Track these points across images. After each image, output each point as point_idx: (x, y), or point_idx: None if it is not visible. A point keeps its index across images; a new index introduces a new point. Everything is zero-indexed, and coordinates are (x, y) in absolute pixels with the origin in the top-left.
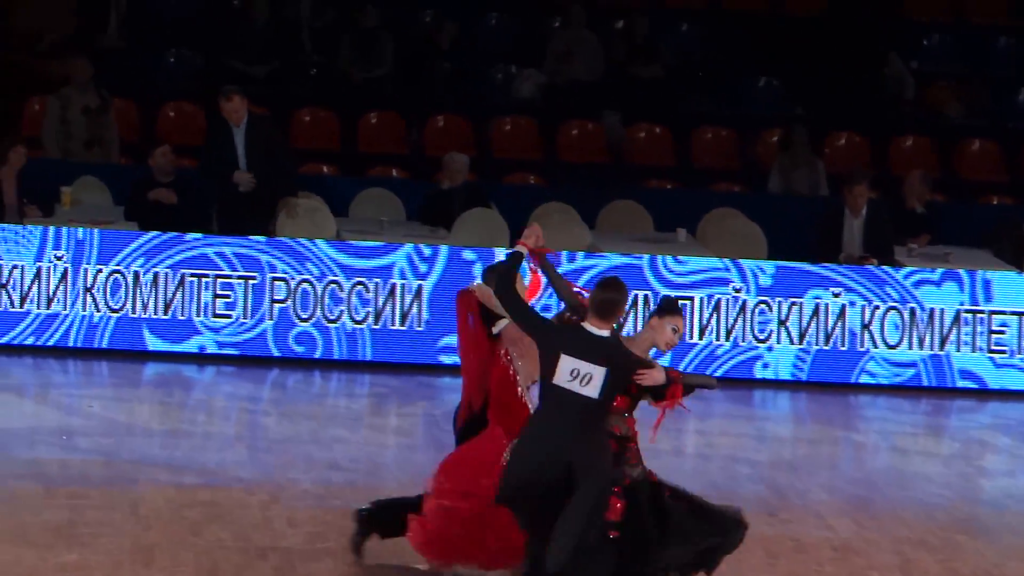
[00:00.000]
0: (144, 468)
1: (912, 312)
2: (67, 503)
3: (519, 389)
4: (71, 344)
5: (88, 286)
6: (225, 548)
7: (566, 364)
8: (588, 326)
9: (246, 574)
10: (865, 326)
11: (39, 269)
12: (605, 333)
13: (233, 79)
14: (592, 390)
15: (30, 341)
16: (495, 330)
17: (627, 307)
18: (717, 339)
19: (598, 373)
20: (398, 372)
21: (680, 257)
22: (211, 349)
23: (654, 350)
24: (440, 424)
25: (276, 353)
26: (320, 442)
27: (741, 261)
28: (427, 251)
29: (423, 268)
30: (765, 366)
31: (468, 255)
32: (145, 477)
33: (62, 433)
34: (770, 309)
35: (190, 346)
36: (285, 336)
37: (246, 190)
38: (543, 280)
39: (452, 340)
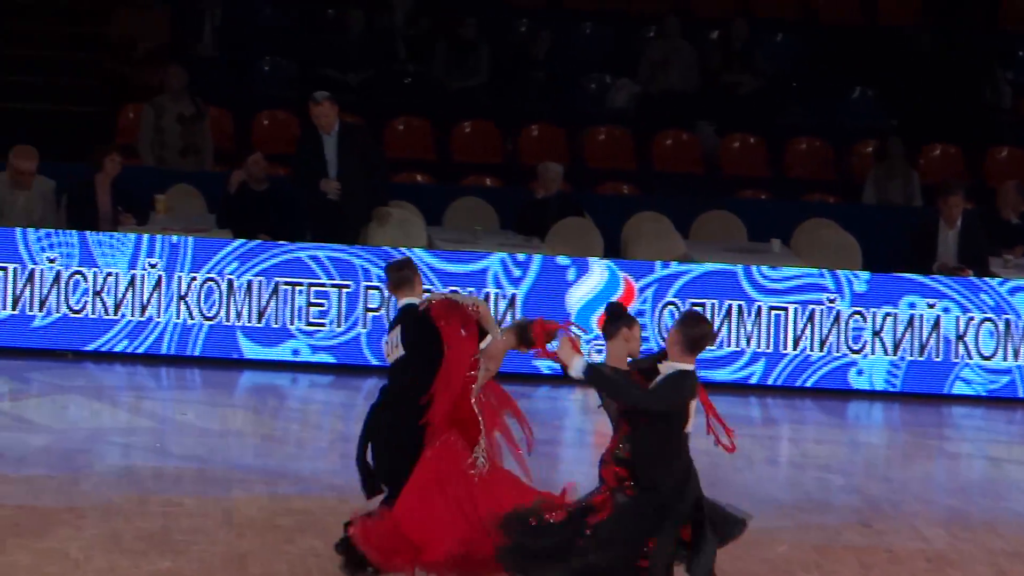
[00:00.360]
0: (238, 476)
1: (1007, 322)
2: (161, 511)
3: (472, 399)
4: (164, 351)
5: (182, 293)
6: (318, 556)
7: (692, 408)
8: (679, 364)
9: None
10: (960, 336)
11: (133, 276)
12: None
13: (327, 87)
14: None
15: (123, 348)
16: (481, 345)
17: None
18: (811, 349)
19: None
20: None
21: (775, 266)
22: (305, 357)
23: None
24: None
25: (371, 361)
26: None
27: (836, 271)
28: (519, 262)
29: (516, 275)
30: (859, 374)
31: (562, 261)
32: (239, 485)
33: (156, 441)
34: (864, 319)
35: (284, 354)
36: (379, 344)
37: (333, 198)
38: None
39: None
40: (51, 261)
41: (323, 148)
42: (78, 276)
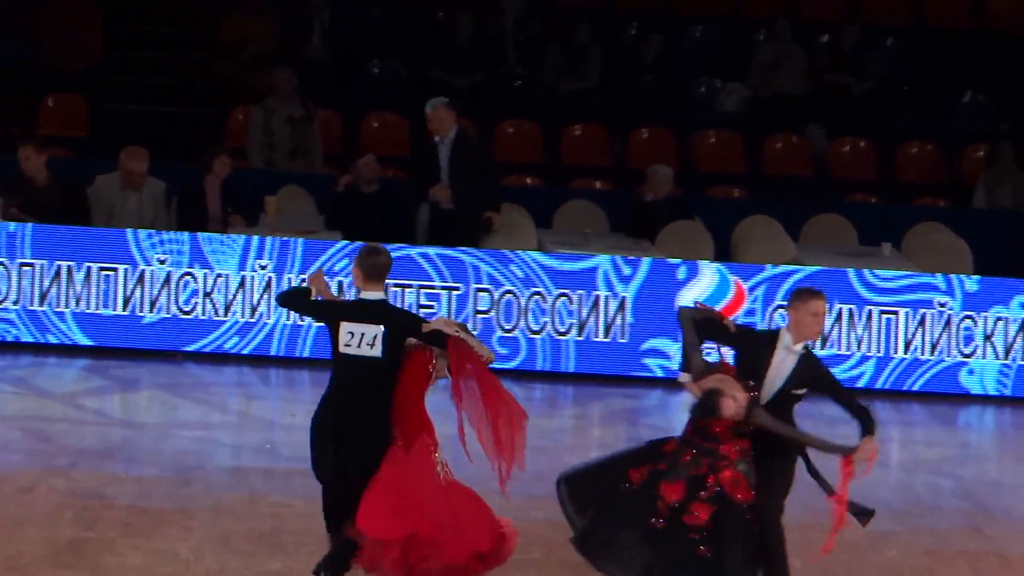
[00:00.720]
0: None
1: None
2: (271, 511)
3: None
4: (273, 353)
5: None
6: None
7: None
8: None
9: None
10: None
11: (243, 278)
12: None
13: (437, 90)
14: None
15: (233, 349)
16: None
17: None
18: (922, 353)
19: None
20: (601, 383)
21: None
22: None
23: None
24: (643, 437)
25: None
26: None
27: (948, 275)
28: (629, 264)
29: (627, 278)
30: (970, 375)
31: (673, 262)
32: None
33: (266, 442)
34: (975, 323)
35: None
36: (488, 346)
37: (446, 206)
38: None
39: (655, 351)
40: (161, 262)
41: (437, 154)
42: (188, 277)
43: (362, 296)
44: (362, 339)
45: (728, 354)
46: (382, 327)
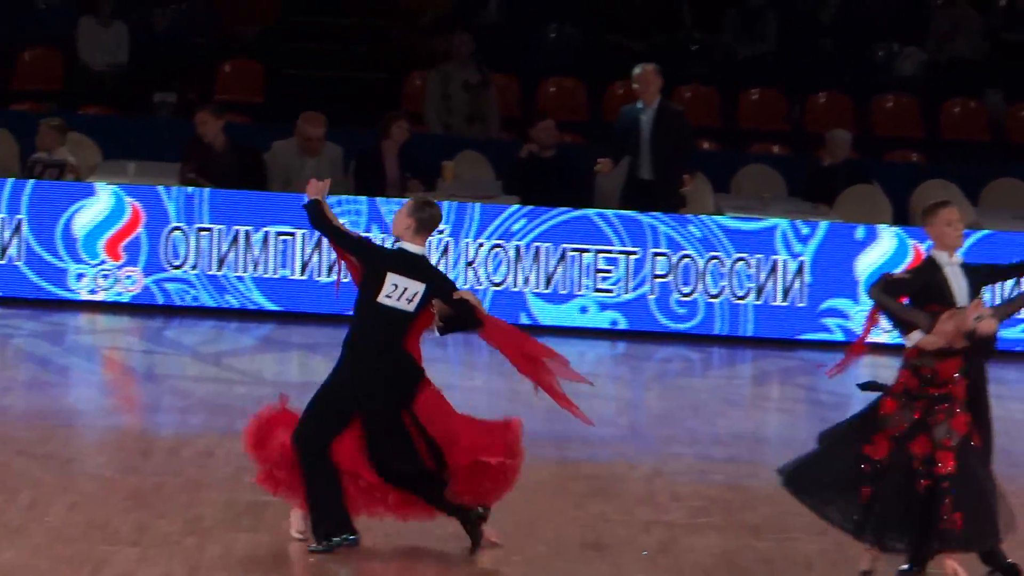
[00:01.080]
0: (527, 441)
1: None
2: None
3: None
4: None
5: (469, 260)
6: (609, 521)
7: None
8: None
9: (630, 548)
10: None
11: None
12: None
13: (613, 55)
14: None
15: None
16: None
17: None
18: None
19: None
20: (779, 348)
21: None
22: (593, 323)
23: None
24: (822, 401)
25: (658, 329)
26: (702, 417)
27: None
28: (806, 228)
29: (804, 244)
30: None
31: (852, 227)
32: (528, 450)
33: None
34: None
35: (571, 320)
36: (666, 311)
37: (600, 172)
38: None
39: (834, 311)
40: None
41: (639, 120)
42: None
43: (404, 247)
44: (403, 293)
45: None
46: (424, 285)
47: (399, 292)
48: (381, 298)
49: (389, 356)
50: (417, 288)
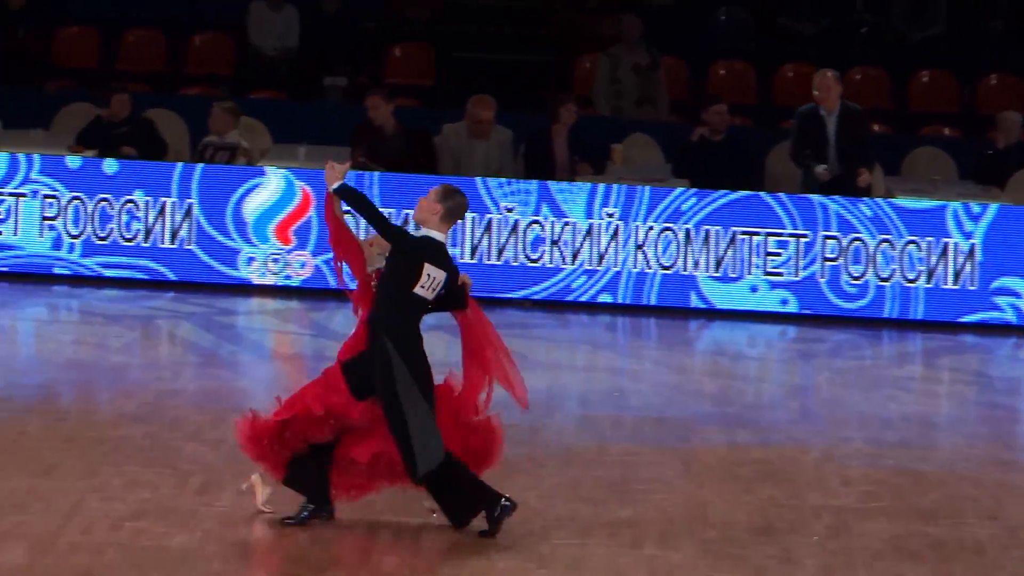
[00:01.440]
0: (696, 426)
1: None
2: (620, 460)
3: None
4: (620, 300)
5: (639, 242)
6: (778, 506)
7: None
8: None
9: (800, 532)
10: None
11: (590, 226)
12: None
13: (783, 37)
14: None
15: (579, 297)
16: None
17: None
18: None
19: None
20: (949, 331)
21: None
22: (763, 306)
23: None
24: (994, 385)
25: (828, 312)
26: (872, 400)
27: None
28: (978, 208)
29: (975, 225)
30: None
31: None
32: (697, 435)
33: (614, 390)
34: None
35: (741, 303)
36: (837, 293)
37: (823, 180)
38: None
39: (1005, 290)
40: (508, 210)
41: (824, 125)
42: (535, 225)
43: (430, 235)
44: (432, 283)
45: None
46: (445, 274)
47: (431, 282)
48: (416, 288)
49: (421, 346)
50: (442, 277)
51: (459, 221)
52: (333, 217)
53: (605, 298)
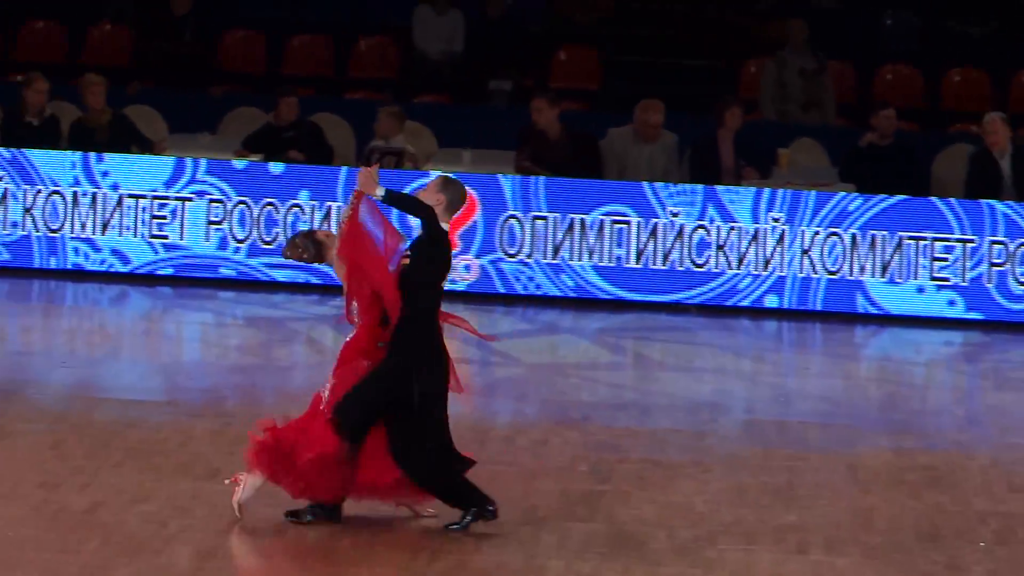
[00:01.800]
0: (862, 431)
1: None
2: (786, 465)
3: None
4: (785, 306)
5: (805, 247)
6: (945, 512)
7: None
8: None
9: (966, 538)
10: None
11: (756, 230)
12: None
13: (950, 41)
14: None
15: (744, 301)
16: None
17: None
18: None
19: None
20: None
21: None
22: (929, 311)
23: None
24: None
25: (994, 317)
26: None
27: None
28: None
29: None
30: None
31: None
32: (863, 440)
33: (779, 395)
34: None
35: (906, 308)
36: (1006, 297)
37: None
38: None
39: None
40: (674, 215)
41: (998, 167)
42: (701, 230)
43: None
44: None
45: None
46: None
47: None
48: (445, 283)
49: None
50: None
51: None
52: (357, 223)
53: (771, 302)
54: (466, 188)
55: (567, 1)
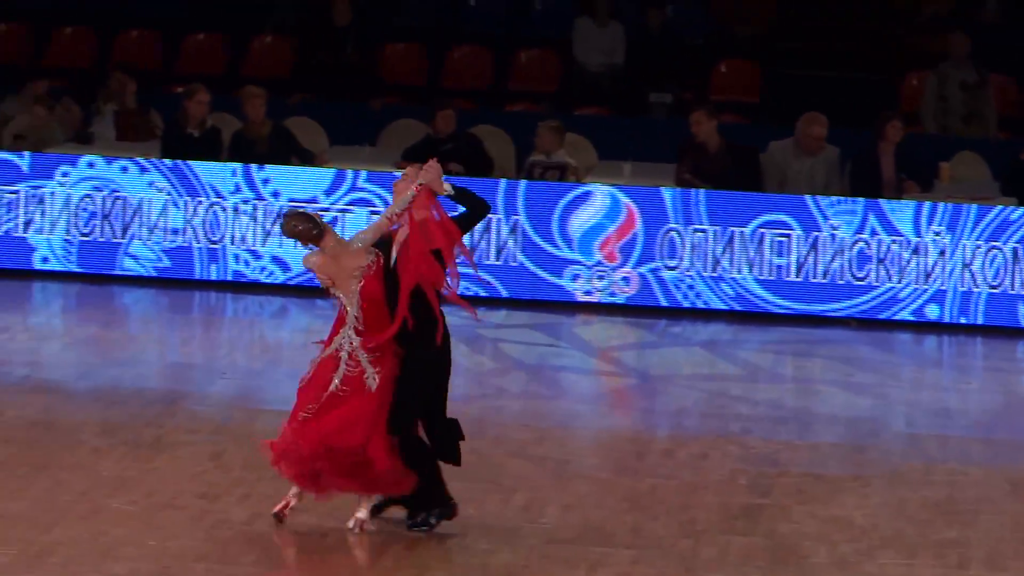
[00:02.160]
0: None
1: None
2: (947, 480)
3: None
4: (946, 319)
5: (966, 261)
6: None
7: None
8: None
9: None
10: None
11: (917, 244)
12: None
13: None
14: None
15: (905, 315)
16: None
17: None
18: None
19: None
20: None
21: None
22: None
23: None
24: None
25: None
26: None
27: None
28: None
29: None
30: None
31: None
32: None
33: (940, 410)
34: None
35: None
36: None
37: None
38: None
39: None
40: (834, 228)
41: None
42: (861, 243)
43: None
44: None
45: None
46: None
47: None
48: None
49: None
50: None
51: None
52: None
53: (932, 312)
54: None
55: (727, 13)
